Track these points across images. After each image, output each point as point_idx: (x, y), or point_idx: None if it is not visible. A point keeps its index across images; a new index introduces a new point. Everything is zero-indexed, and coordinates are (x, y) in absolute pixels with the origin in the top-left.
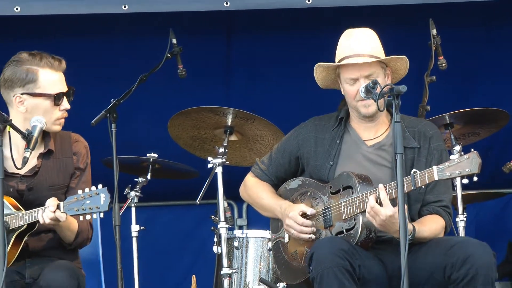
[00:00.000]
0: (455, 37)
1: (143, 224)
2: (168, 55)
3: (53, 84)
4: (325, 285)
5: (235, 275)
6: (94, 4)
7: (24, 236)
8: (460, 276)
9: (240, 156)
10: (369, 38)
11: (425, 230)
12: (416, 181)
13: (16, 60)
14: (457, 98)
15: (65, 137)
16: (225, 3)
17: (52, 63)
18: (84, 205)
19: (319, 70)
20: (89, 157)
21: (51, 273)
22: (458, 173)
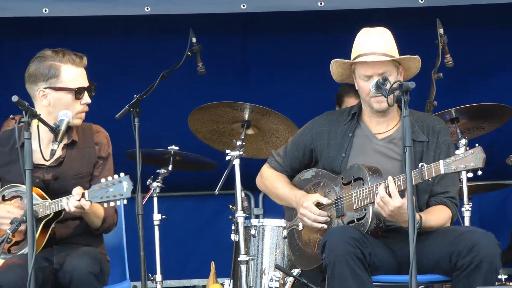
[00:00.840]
0: (461, 36)
1: (165, 213)
2: (188, 53)
3: (74, 79)
4: (337, 272)
5: (252, 262)
6: (118, 6)
7: (51, 224)
8: (465, 263)
9: (257, 149)
10: (385, 37)
11: (432, 220)
12: (423, 174)
13: (40, 57)
14: (462, 94)
15: (87, 129)
16: (242, 5)
17: (74, 59)
18: (108, 192)
19: (335, 65)
20: (110, 146)
21: (75, 259)
22: (463, 167)
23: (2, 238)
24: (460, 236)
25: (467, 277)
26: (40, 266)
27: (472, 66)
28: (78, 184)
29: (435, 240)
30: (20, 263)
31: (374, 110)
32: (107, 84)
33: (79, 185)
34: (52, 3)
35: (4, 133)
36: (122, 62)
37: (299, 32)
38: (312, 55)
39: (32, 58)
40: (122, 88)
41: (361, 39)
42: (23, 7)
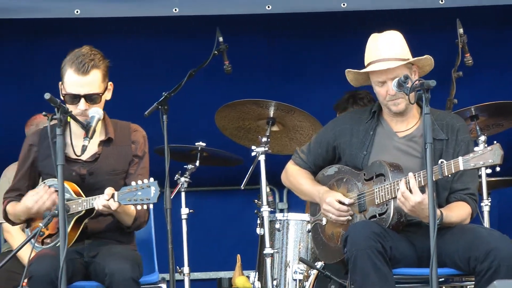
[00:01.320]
0: (480, 36)
1: (192, 207)
2: (215, 52)
3: (71, 85)
4: (359, 265)
5: (277, 255)
6: (148, 7)
7: (83, 220)
8: (484, 268)
9: (282, 145)
10: (394, 41)
11: (453, 216)
12: (443, 170)
13: (68, 54)
14: (482, 92)
15: (125, 127)
16: (267, 6)
17: (78, 67)
18: (136, 196)
19: (350, 73)
20: (147, 146)
21: (116, 262)
22: (481, 163)
23: (35, 231)
24: (477, 240)
25: (488, 281)
26: (71, 258)
27: (491, 65)
28: (113, 180)
29: (453, 238)
30: (52, 255)
31: (392, 112)
32: (136, 82)
33: (114, 181)
34: (83, 5)
35: (44, 129)
36: (151, 61)
37: (322, 32)
38: (334, 55)
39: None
40: (151, 86)
41: (371, 46)
42: (55, 8)
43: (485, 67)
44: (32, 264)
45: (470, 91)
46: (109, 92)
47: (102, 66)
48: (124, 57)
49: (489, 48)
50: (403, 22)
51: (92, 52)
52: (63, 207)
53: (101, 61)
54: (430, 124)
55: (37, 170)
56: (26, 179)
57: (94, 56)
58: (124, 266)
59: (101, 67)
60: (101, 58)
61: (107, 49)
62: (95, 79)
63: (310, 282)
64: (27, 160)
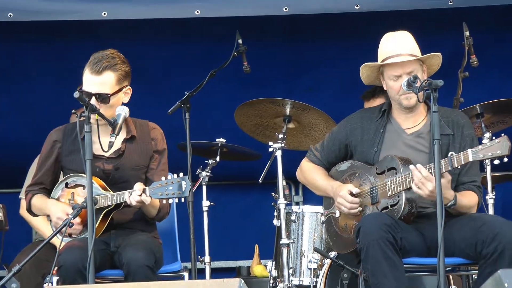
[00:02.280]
0: (485, 38)
1: (213, 200)
2: (235, 53)
3: (85, 83)
4: (371, 255)
5: (292, 245)
6: (171, 9)
7: (110, 213)
8: (489, 251)
9: (297, 141)
10: (408, 39)
11: (464, 200)
12: (452, 161)
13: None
14: (487, 91)
15: (144, 125)
16: (284, 8)
17: (93, 67)
18: (167, 190)
19: (364, 69)
20: (165, 142)
21: (132, 252)
22: (490, 155)
23: (64, 223)
24: (483, 226)
25: (493, 264)
26: (99, 248)
27: (495, 66)
28: (136, 175)
29: (461, 226)
30: (80, 246)
31: (403, 107)
32: (159, 82)
33: (137, 176)
34: (111, 7)
35: (68, 126)
36: (174, 62)
37: (336, 32)
38: (347, 54)
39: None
40: (174, 85)
41: (386, 42)
42: (84, 10)
43: (490, 67)
44: (61, 254)
45: (475, 90)
46: (126, 95)
47: (119, 69)
48: (148, 57)
49: (494, 49)
50: (411, 24)
51: (112, 54)
52: (91, 200)
53: (119, 65)
54: (438, 121)
55: (60, 165)
56: (49, 173)
57: (112, 59)
58: (138, 255)
59: (117, 70)
60: (119, 62)
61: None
62: (108, 80)
63: (324, 271)
64: (51, 155)
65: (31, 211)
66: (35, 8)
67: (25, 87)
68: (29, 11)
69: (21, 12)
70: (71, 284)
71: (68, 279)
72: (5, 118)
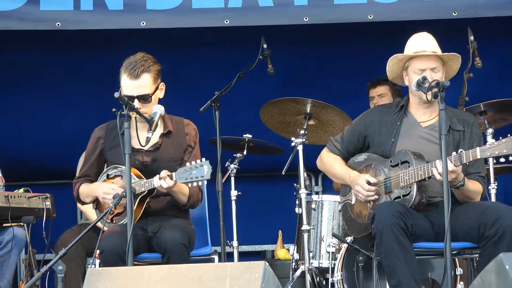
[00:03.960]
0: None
1: (240, 190)
2: (260, 57)
3: (126, 88)
4: (384, 239)
5: (313, 231)
6: (203, 19)
7: (145, 199)
8: (491, 234)
9: (317, 137)
10: (432, 40)
11: (470, 185)
12: (462, 158)
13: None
14: (489, 90)
15: (179, 122)
16: (305, 18)
17: (131, 72)
18: (191, 174)
19: (391, 61)
20: (198, 137)
21: (169, 231)
22: (496, 153)
23: (106, 210)
24: (486, 210)
25: (493, 245)
26: (137, 234)
27: (498, 68)
28: (172, 167)
29: (465, 213)
30: (120, 231)
31: (423, 101)
32: (193, 83)
33: (173, 168)
34: (149, 18)
35: (110, 123)
36: (205, 65)
37: (351, 40)
38: (360, 58)
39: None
40: (205, 86)
41: (413, 40)
42: (125, 21)
43: (492, 69)
44: (103, 239)
45: (479, 90)
46: (161, 91)
47: (153, 69)
48: (182, 61)
49: (496, 52)
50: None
51: (143, 58)
52: (130, 189)
53: (151, 66)
54: (445, 118)
55: (104, 158)
56: (94, 166)
57: (145, 62)
58: (175, 235)
59: (151, 71)
60: (151, 63)
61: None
62: (146, 82)
63: (341, 254)
64: (95, 150)
65: (79, 199)
66: (80, 18)
67: (75, 89)
68: (75, 21)
69: (68, 22)
70: (111, 265)
71: (108, 262)
72: (61, 118)
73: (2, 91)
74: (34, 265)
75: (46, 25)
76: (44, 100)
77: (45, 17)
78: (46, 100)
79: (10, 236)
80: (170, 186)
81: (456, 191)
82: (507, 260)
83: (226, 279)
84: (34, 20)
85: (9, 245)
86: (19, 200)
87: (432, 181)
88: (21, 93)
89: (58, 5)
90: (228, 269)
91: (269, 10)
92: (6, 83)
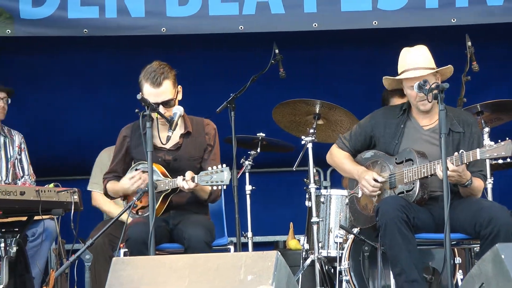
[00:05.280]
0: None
1: (254, 185)
2: (272, 61)
3: (149, 96)
4: (388, 231)
5: (321, 223)
6: (219, 26)
7: (169, 196)
8: (486, 233)
9: (325, 135)
10: (423, 54)
11: (475, 183)
12: (463, 158)
13: (142, 70)
14: (486, 92)
15: (200, 122)
16: (314, 24)
17: (152, 81)
18: (212, 178)
19: (386, 81)
20: (217, 136)
21: (193, 229)
22: (495, 155)
23: (130, 204)
24: (481, 210)
25: (490, 244)
26: (159, 225)
27: (493, 71)
28: (192, 165)
29: (463, 208)
30: (144, 222)
31: (420, 111)
32: (209, 85)
33: (193, 166)
34: (168, 24)
35: (135, 123)
36: (221, 69)
37: (357, 44)
38: (366, 63)
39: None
40: (221, 89)
41: (403, 57)
42: (146, 27)
43: (488, 72)
44: (129, 229)
45: (476, 91)
46: (179, 94)
47: (171, 75)
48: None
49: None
50: (421, 37)
51: (161, 66)
52: (152, 184)
53: (169, 72)
54: (444, 118)
55: (130, 156)
56: (121, 163)
57: (163, 69)
58: (199, 232)
59: (170, 77)
60: (169, 70)
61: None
62: (167, 88)
63: (348, 245)
64: (122, 148)
65: (108, 195)
66: (105, 25)
67: (101, 89)
68: (100, 27)
69: (94, 28)
70: (136, 254)
71: (134, 249)
72: (88, 117)
73: (33, 90)
74: (63, 255)
75: (74, 31)
76: (73, 100)
77: (73, 24)
78: (75, 100)
79: (41, 228)
80: (191, 188)
81: (462, 189)
82: (502, 250)
83: (241, 267)
84: (63, 27)
85: (41, 236)
86: (49, 194)
87: (433, 178)
88: (52, 93)
89: (85, 13)
90: (243, 258)
91: (280, 17)
92: (37, 83)
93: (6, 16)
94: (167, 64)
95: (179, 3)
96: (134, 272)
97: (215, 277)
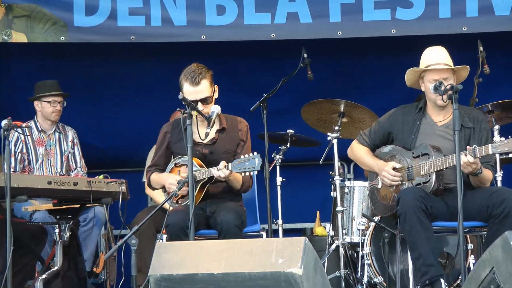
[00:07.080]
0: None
1: (284, 177)
2: (301, 64)
3: (189, 94)
4: (408, 219)
5: (345, 211)
6: (253, 33)
7: (205, 185)
8: (498, 213)
9: (349, 132)
10: (445, 52)
11: (485, 172)
12: (475, 153)
13: (182, 71)
14: (496, 93)
15: (233, 119)
16: (338, 32)
17: (192, 80)
18: (244, 165)
19: (409, 73)
20: (249, 132)
21: (224, 214)
22: (506, 150)
23: (172, 193)
24: (494, 193)
25: (500, 223)
26: (197, 213)
27: (503, 73)
28: (227, 158)
29: (476, 196)
30: (183, 210)
31: (438, 106)
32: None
33: (227, 159)
34: (208, 32)
35: (175, 120)
36: (255, 72)
37: (376, 51)
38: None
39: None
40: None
41: (428, 53)
42: (187, 34)
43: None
44: (169, 216)
45: (487, 92)
46: (215, 92)
47: (208, 75)
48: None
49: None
50: (436, 44)
51: (198, 67)
52: (192, 176)
53: (206, 72)
54: (458, 116)
55: (171, 150)
56: (163, 157)
57: (200, 70)
58: (230, 217)
59: (207, 77)
60: (206, 70)
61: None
62: (205, 87)
63: (369, 231)
64: (163, 143)
65: (151, 185)
66: (150, 32)
67: (148, 90)
68: (146, 35)
69: (141, 35)
70: (175, 239)
71: (174, 234)
72: (135, 115)
73: (87, 90)
74: (112, 239)
75: (123, 38)
76: (121, 99)
77: (121, 31)
78: (123, 99)
79: (92, 215)
80: (227, 175)
81: (473, 178)
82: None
83: (272, 252)
84: (112, 34)
85: (91, 222)
86: (99, 185)
87: (448, 170)
88: (102, 92)
89: (132, 22)
90: (274, 244)
91: (308, 26)
92: (90, 83)
93: (61, 25)
94: (204, 66)
95: (217, 13)
96: (175, 255)
97: (249, 260)
